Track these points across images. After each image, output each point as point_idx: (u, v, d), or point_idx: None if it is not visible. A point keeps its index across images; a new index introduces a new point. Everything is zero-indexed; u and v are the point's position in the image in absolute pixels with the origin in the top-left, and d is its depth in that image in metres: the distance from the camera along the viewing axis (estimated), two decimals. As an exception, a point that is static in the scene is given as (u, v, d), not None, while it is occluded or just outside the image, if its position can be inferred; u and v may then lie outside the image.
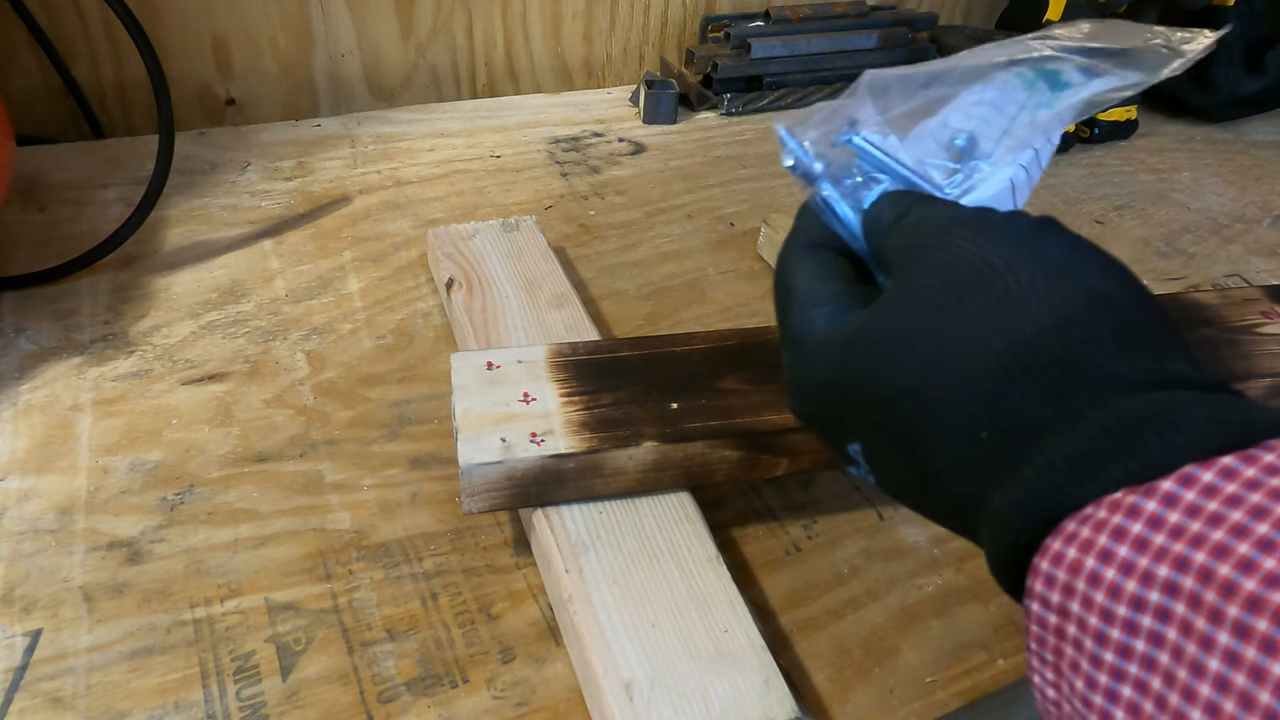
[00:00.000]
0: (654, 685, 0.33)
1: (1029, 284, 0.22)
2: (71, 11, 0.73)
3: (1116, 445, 0.20)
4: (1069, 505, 0.20)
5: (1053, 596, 0.20)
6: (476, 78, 0.90)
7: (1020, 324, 0.22)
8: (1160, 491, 0.19)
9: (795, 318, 0.27)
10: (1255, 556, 0.17)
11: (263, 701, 0.35)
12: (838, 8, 0.93)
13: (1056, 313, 0.22)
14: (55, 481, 0.44)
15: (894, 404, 0.24)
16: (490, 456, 0.38)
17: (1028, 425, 0.21)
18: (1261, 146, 0.90)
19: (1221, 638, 0.17)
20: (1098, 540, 0.19)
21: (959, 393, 0.22)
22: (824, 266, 0.28)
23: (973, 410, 0.22)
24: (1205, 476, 0.18)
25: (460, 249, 0.57)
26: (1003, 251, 0.23)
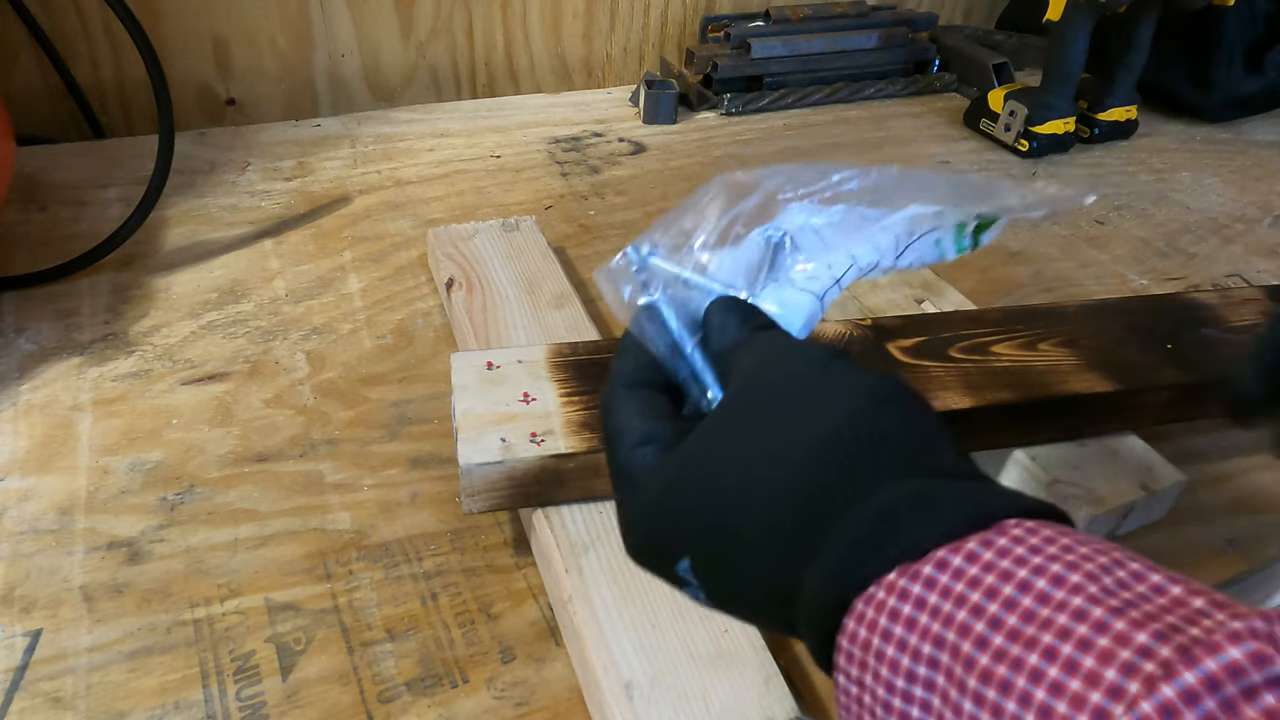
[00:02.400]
0: (654, 685, 0.33)
1: (828, 393, 0.26)
2: (71, 11, 0.73)
3: (889, 528, 0.23)
4: (857, 585, 0.22)
5: (851, 670, 0.22)
6: (476, 78, 0.90)
7: (817, 423, 0.25)
8: (922, 575, 0.21)
9: (623, 456, 0.29)
10: (987, 634, 0.20)
11: (263, 701, 0.35)
12: (838, 8, 0.93)
13: (845, 410, 0.25)
14: (55, 481, 0.44)
15: (716, 513, 0.26)
16: (490, 456, 0.38)
17: (823, 511, 0.24)
18: (1261, 146, 0.90)
19: (965, 705, 0.20)
20: (879, 620, 0.22)
21: (769, 488, 0.25)
22: (645, 405, 0.30)
23: (779, 502, 0.25)
24: (955, 560, 0.21)
25: (460, 249, 0.57)
26: (803, 369, 0.27)
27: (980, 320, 0.48)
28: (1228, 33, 0.89)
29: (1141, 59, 0.83)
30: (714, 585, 0.27)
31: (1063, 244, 0.71)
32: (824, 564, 0.23)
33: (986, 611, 0.20)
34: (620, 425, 0.30)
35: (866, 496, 0.24)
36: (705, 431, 0.28)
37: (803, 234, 0.34)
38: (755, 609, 0.27)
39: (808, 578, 0.24)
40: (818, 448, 0.25)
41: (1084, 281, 0.66)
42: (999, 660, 0.20)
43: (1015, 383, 0.44)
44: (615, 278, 0.31)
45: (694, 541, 0.27)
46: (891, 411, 0.25)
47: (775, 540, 0.25)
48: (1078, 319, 0.49)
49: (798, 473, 0.25)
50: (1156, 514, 0.45)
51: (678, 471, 0.27)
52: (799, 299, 0.33)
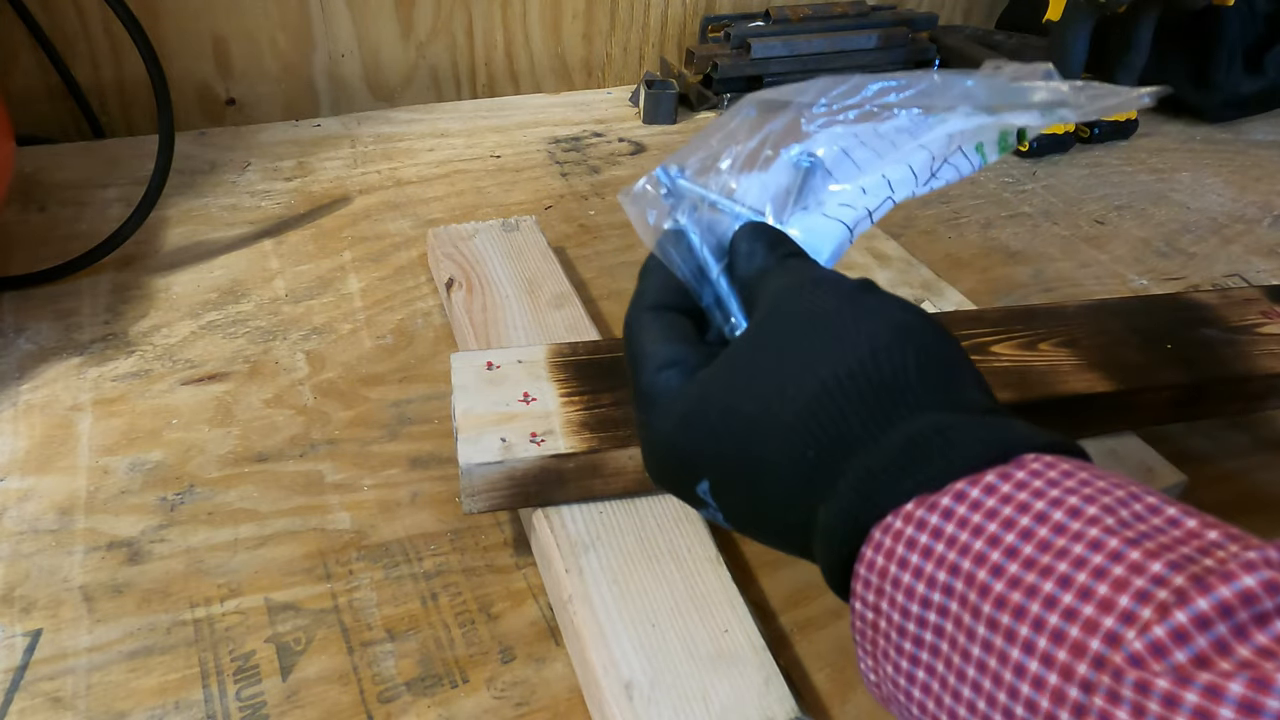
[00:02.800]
0: (654, 685, 0.33)
1: (852, 321, 0.26)
2: (71, 11, 0.73)
3: (908, 460, 0.23)
4: (876, 514, 0.23)
5: (869, 596, 0.23)
6: (476, 78, 0.90)
7: (843, 355, 0.25)
8: (940, 506, 0.22)
9: (647, 380, 0.29)
10: (1003, 562, 0.21)
11: (263, 701, 0.35)
12: (838, 8, 0.93)
13: (870, 344, 0.25)
14: (55, 481, 0.44)
15: (738, 435, 0.26)
16: (490, 456, 0.38)
17: (844, 442, 0.24)
18: (1261, 146, 0.90)
19: (980, 629, 0.20)
20: (896, 549, 0.22)
21: (790, 416, 0.25)
22: (669, 329, 0.30)
23: (801, 431, 0.25)
24: (973, 492, 0.22)
25: (460, 249, 0.57)
26: (831, 300, 0.27)
27: (980, 320, 0.48)
28: (1228, 33, 0.89)
29: (1141, 59, 0.83)
30: (733, 508, 0.28)
31: (1063, 244, 0.71)
32: (843, 493, 0.24)
33: (1002, 541, 0.21)
34: (645, 348, 0.30)
35: (888, 429, 0.24)
36: (730, 358, 0.28)
37: (834, 158, 0.33)
38: (773, 532, 0.27)
39: (826, 506, 0.24)
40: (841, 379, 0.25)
41: (1084, 281, 0.66)
42: (1013, 587, 0.20)
43: (1015, 383, 0.44)
44: (640, 200, 0.31)
45: (714, 465, 0.27)
46: (916, 345, 0.26)
47: (795, 468, 0.25)
48: (1078, 319, 0.49)
49: (820, 403, 0.25)
50: (1156, 514, 0.45)
51: (701, 396, 0.27)
52: (829, 227, 0.32)
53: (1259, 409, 0.50)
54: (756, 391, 0.26)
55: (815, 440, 0.25)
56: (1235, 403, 0.48)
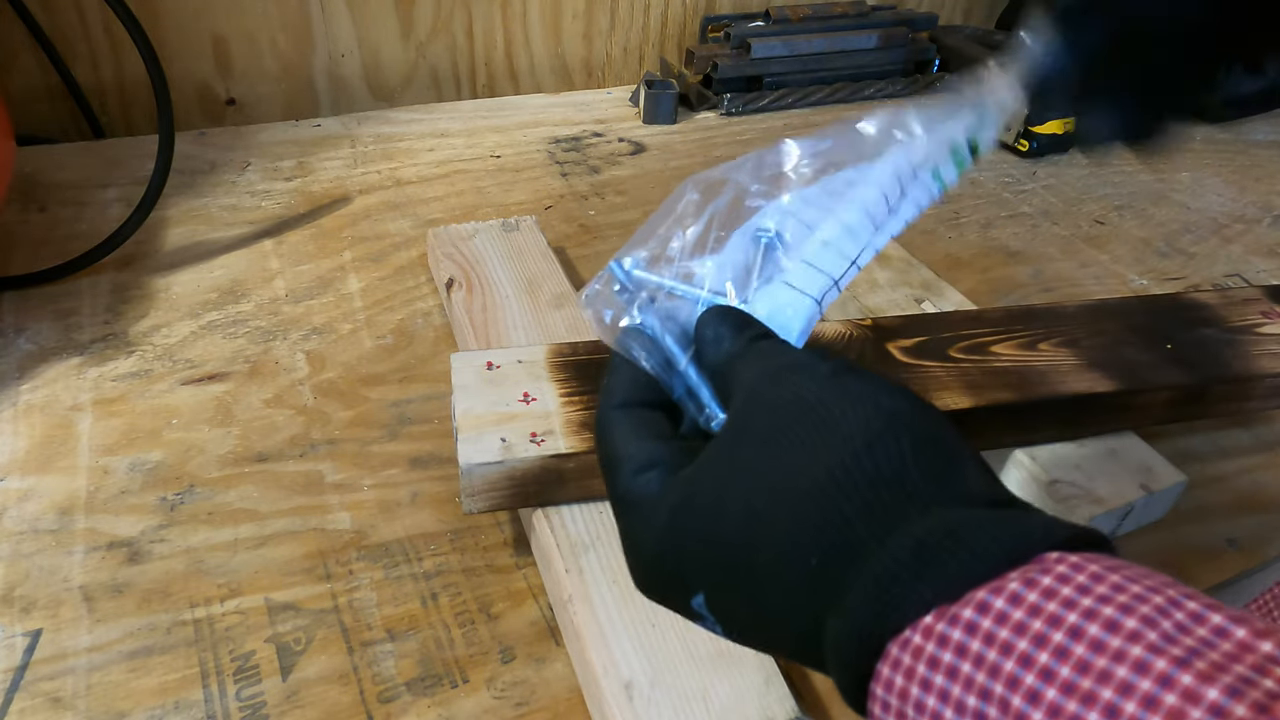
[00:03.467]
0: (654, 685, 0.33)
1: (839, 412, 0.24)
2: (71, 11, 0.73)
3: (921, 567, 0.21)
4: (890, 628, 0.21)
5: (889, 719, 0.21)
6: (476, 78, 0.90)
7: (834, 449, 0.24)
8: (962, 620, 0.20)
9: (624, 485, 0.27)
10: (1039, 687, 0.19)
11: (263, 701, 0.35)
12: (838, 8, 0.93)
13: (863, 435, 0.24)
14: (55, 481, 0.44)
15: (731, 545, 0.25)
16: (490, 456, 0.38)
17: (848, 547, 0.23)
18: (1261, 146, 0.90)
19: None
20: (917, 668, 0.20)
21: (787, 521, 0.23)
22: (642, 426, 0.28)
23: (800, 537, 0.23)
24: (996, 603, 0.20)
25: (460, 249, 0.57)
26: (812, 388, 0.25)
27: (980, 320, 0.48)
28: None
29: (1141, 59, 0.83)
30: (734, 622, 0.26)
31: (1063, 244, 0.71)
32: (853, 606, 0.22)
33: (1036, 661, 0.19)
34: (618, 450, 0.28)
35: (893, 530, 0.22)
36: (711, 458, 0.26)
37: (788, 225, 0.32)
38: (781, 645, 0.26)
39: (834, 618, 0.23)
40: (835, 477, 0.23)
41: (1084, 281, 0.66)
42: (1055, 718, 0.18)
43: (1015, 383, 0.44)
44: (596, 300, 0.30)
45: (707, 577, 0.26)
46: (911, 433, 0.24)
47: (796, 577, 0.23)
48: (1078, 319, 0.49)
49: (815, 504, 0.23)
50: (1156, 514, 0.45)
51: (684, 501, 0.26)
52: (796, 301, 0.31)
53: (1259, 409, 0.50)
54: (743, 492, 0.25)
55: (816, 546, 0.23)
56: (1235, 403, 0.48)
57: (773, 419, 0.25)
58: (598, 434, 0.29)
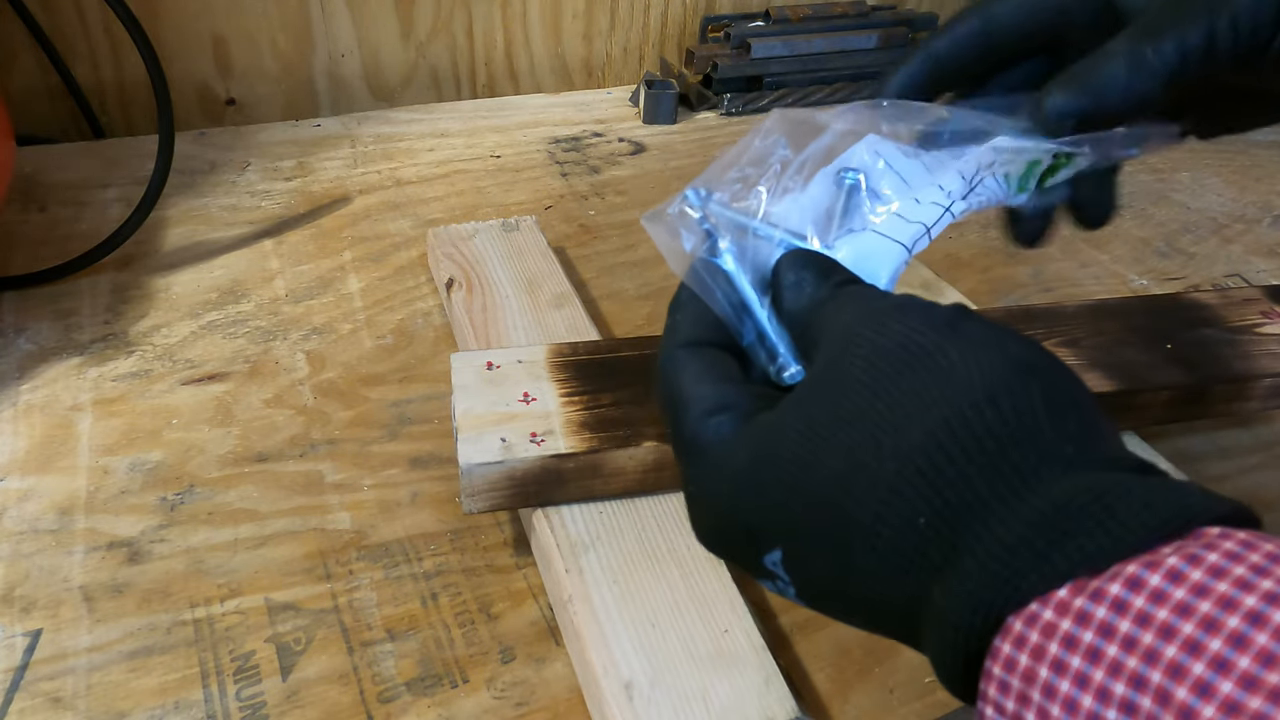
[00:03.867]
0: (654, 685, 0.33)
1: (959, 359, 0.22)
2: (71, 11, 0.73)
3: (1057, 534, 0.19)
4: (1014, 601, 0.19)
5: (1007, 704, 0.19)
6: (476, 78, 0.90)
7: (953, 399, 0.21)
8: (1109, 596, 0.18)
9: (691, 428, 0.25)
10: (1211, 679, 0.16)
11: (263, 702, 0.35)
12: (838, 8, 0.93)
13: (987, 385, 0.21)
14: (55, 481, 0.44)
15: (821, 500, 0.22)
16: (490, 456, 0.38)
17: (967, 508, 0.20)
18: (1261, 146, 0.90)
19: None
20: (1049, 648, 0.18)
21: (892, 475, 0.21)
22: (712, 367, 0.26)
23: (909, 494, 0.21)
24: (1152, 579, 0.18)
25: (460, 249, 0.57)
26: (928, 333, 0.23)
27: (980, 320, 0.48)
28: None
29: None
30: (811, 584, 0.24)
31: (1063, 244, 0.71)
32: (969, 572, 0.20)
33: (1206, 649, 0.16)
34: (686, 390, 0.26)
35: (1024, 492, 0.20)
36: (800, 404, 0.24)
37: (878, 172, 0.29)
38: (862, 611, 0.23)
39: (943, 586, 0.20)
40: (953, 429, 0.21)
41: (1084, 281, 0.66)
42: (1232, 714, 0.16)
43: (1015, 383, 0.44)
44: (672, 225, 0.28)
45: (787, 533, 0.23)
46: (1043, 386, 0.21)
47: (901, 538, 0.21)
48: (1078, 319, 0.49)
49: (927, 458, 0.21)
50: (1156, 514, 0.45)
51: (769, 448, 0.23)
52: (883, 247, 0.28)
53: (1259, 409, 0.50)
54: (842, 443, 0.22)
55: (928, 504, 0.21)
56: (1235, 403, 0.48)
57: (877, 365, 0.23)
58: (661, 373, 0.27)
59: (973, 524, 0.20)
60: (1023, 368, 0.22)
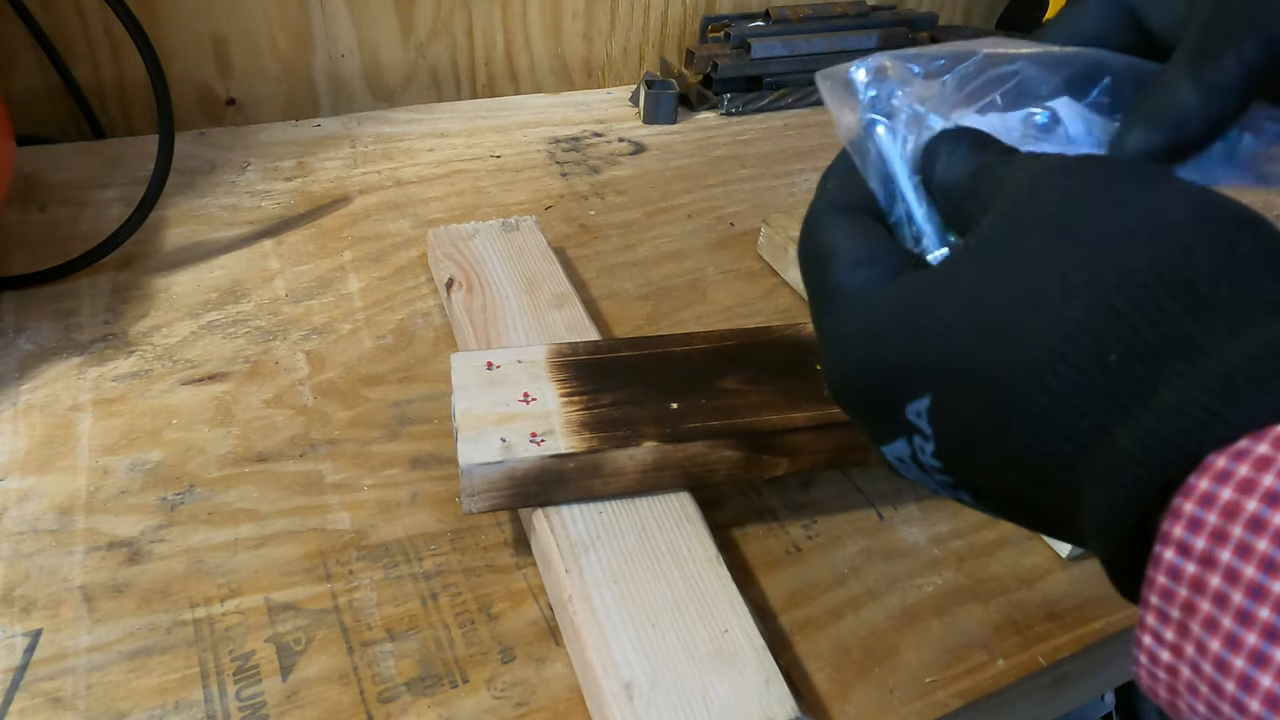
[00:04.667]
0: (654, 685, 0.33)
1: (1167, 203, 0.20)
2: (71, 11, 0.73)
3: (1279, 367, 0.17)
4: (1220, 436, 0.17)
5: (1197, 542, 0.17)
6: (476, 78, 0.90)
7: (1161, 238, 0.19)
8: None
9: (838, 277, 0.24)
10: None
11: (263, 702, 0.35)
12: (838, 8, 0.93)
13: (1200, 229, 0.20)
14: (55, 481, 0.44)
15: (996, 330, 0.20)
16: (490, 456, 0.38)
17: (1169, 345, 0.18)
18: (1261, 146, 0.90)
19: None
20: (1261, 480, 0.16)
21: (1087, 309, 0.19)
22: (864, 228, 0.25)
23: (1099, 330, 0.19)
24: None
25: (460, 249, 0.57)
26: (1133, 181, 0.21)
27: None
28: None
29: (1142, 59, 0.83)
30: (960, 434, 0.22)
31: (1063, 244, 0.71)
32: (1167, 405, 0.18)
33: None
34: (836, 243, 0.25)
35: (1237, 330, 0.18)
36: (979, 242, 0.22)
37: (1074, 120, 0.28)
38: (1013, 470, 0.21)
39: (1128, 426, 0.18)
40: (1156, 269, 0.19)
41: (1084, 281, 0.66)
42: None
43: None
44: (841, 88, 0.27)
45: (946, 371, 0.21)
46: (1258, 238, 0.20)
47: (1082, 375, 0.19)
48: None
49: (1124, 296, 0.19)
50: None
51: (929, 291, 0.22)
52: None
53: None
54: (1024, 279, 0.20)
55: (1122, 341, 0.19)
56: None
57: (1071, 207, 0.21)
58: (806, 230, 0.26)
59: (1175, 360, 0.18)
60: (1236, 217, 0.20)
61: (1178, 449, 0.18)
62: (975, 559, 0.43)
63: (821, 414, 0.41)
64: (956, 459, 0.22)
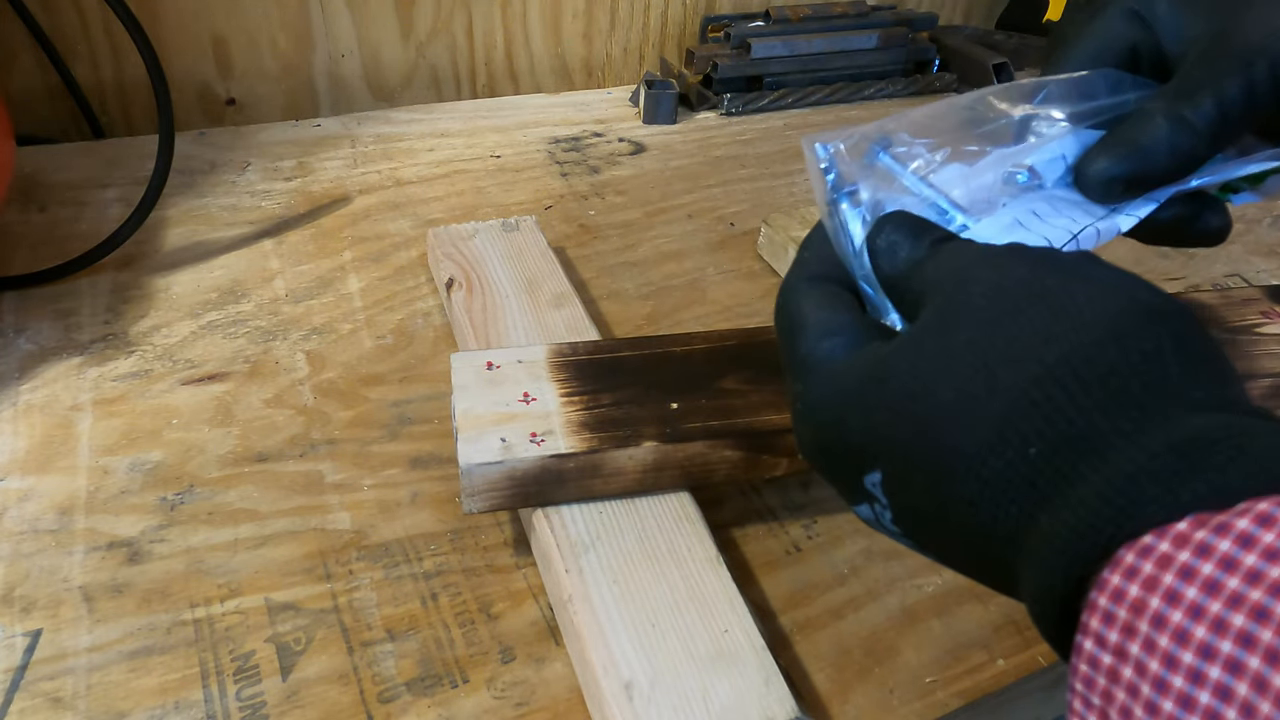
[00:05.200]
0: (654, 685, 0.33)
1: (1085, 300, 0.21)
2: (71, 11, 0.73)
3: (1185, 466, 0.18)
4: (1128, 531, 0.18)
5: (1110, 635, 0.18)
6: (476, 78, 0.90)
7: (1078, 335, 0.21)
8: (1235, 530, 0.17)
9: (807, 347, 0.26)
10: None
11: (263, 702, 0.35)
12: (838, 8, 0.93)
13: (1115, 325, 0.21)
14: (55, 481, 0.44)
15: (928, 422, 0.22)
16: (490, 456, 0.38)
17: (1084, 440, 0.20)
18: (1261, 146, 0.90)
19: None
20: (1163, 578, 0.17)
21: (1005, 405, 0.21)
22: (833, 299, 0.27)
23: (1021, 424, 0.21)
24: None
25: (460, 249, 0.57)
26: (1054, 274, 0.22)
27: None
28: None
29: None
30: (909, 508, 0.23)
31: (1063, 244, 0.71)
32: (1082, 499, 0.19)
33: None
34: (806, 315, 0.27)
35: (1146, 427, 0.19)
36: (916, 333, 0.24)
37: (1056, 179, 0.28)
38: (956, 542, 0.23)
39: (1050, 515, 0.20)
40: (1073, 365, 0.20)
41: (1084, 281, 0.66)
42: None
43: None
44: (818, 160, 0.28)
45: (891, 454, 0.23)
46: (1172, 332, 0.21)
47: (1005, 465, 0.21)
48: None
49: (1044, 391, 0.20)
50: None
51: (880, 371, 0.24)
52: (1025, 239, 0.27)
53: (1259, 409, 0.50)
54: (954, 374, 0.22)
55: (1040, 435, 0.20)
56: (1235, 403, 0.48)
57: (996, 301, 0.22)
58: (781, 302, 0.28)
59: (1089, 455, 0.19)
60: (1152, 312, 0.21)
61: (1091, 542, 0.19)
62: (975, 559, 0.43)
63: (821, 414, 0.41)
64: (912, 529, 0.24)
